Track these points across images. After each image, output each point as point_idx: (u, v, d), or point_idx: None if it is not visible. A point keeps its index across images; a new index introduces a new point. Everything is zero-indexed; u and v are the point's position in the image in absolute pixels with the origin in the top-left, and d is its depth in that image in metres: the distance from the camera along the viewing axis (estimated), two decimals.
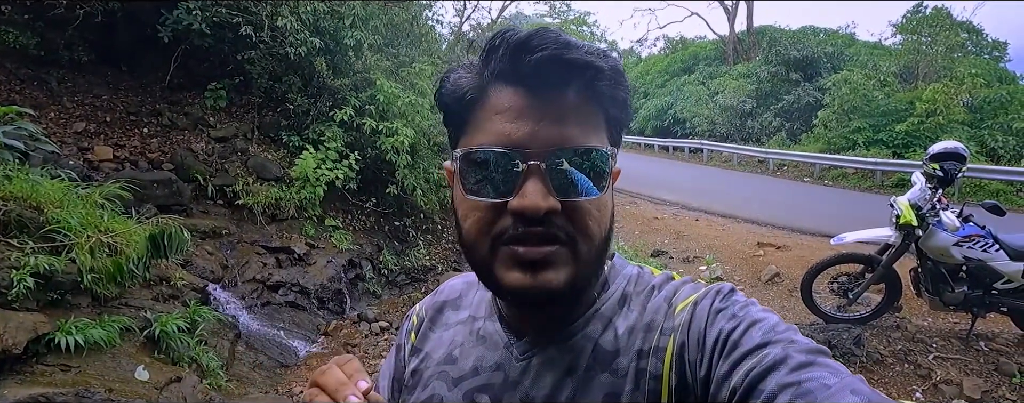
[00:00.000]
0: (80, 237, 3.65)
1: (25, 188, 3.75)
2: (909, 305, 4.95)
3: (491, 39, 0.59)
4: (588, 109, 0.59)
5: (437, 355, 0.75)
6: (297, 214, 6.84)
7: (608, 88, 0.59)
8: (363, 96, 7.41)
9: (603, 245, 0.61)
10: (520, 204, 0.55)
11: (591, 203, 0.58)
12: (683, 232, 8.68)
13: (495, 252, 0.58)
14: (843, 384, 0.47)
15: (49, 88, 6.79)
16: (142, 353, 3.58)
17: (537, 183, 0.55)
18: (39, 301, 3.36)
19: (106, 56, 7.47)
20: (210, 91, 7.41)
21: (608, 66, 0.58)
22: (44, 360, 3.05)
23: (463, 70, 0.62)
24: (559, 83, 0.57)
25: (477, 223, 0.59)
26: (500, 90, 0.58)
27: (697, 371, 0.57)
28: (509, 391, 0.66)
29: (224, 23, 6.65)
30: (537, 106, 0.57)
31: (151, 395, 3.14)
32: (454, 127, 0.64)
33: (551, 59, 0.55)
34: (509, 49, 0.57)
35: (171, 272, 4.61)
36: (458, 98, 0.61)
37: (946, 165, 4.02)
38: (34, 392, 2.75)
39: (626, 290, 0.68)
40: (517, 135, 0.56)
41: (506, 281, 0.58)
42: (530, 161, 0.56)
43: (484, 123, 0.59)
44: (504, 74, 0.58)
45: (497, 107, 0.58)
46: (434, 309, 0.81)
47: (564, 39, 0.56)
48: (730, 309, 0.60)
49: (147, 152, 6.64)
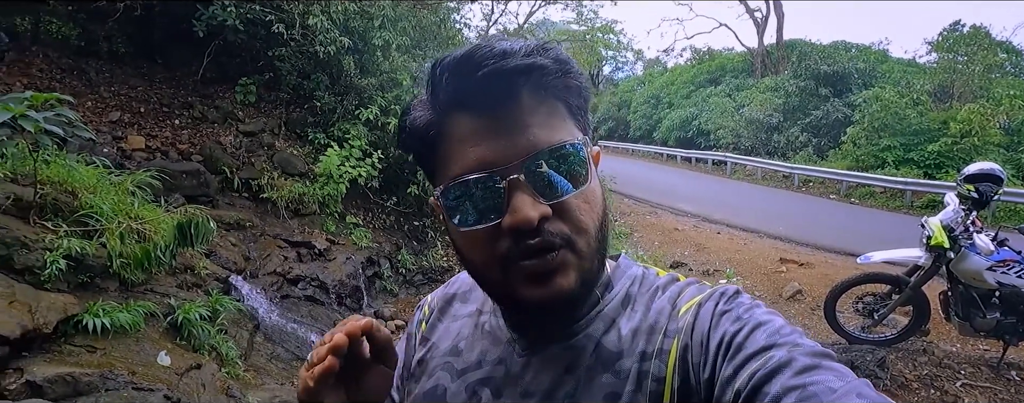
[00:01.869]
0: (111, 223, 3.74)
1: (62, 173, 3.87)
2: (937, 329, 4.81)
3: (431, 70, 0.59)
4: (546, 107, 0.59)
5: (443, 346, 0.76)
6: (319, 210, 6.93)
7: (559, 80, 0.59)
8: (389, 96, 7.49)
9: (600, 234, 0.62)
10: (512, 221, 0.55)
11: (579, 197, 0.59)
12: (704, 244, 8.57)
13: (507, 273, 0.59)
14: (849, 388, 0.47)
15: (88, 78, 7.00)
16: (165, 339, 3.65)
17: (522, 195, 0.56)
18: (70, 283, 3.45)
19: (143, 49, 7.69)
20: (240, 86, 7.56)
21: (551, 60, 0.57)
22: (72, 340, 3.13)
23: (417, 108, 0.63)
24: (510, 93, 0.57)
25: (482, 252, 0.60)
26: (457, 118, 0.59)
27: (701, 373, 0.57)
28: (510, 386, 0.67)
29: (257, 20, 6.78)
30: (496, 122, 0.57)
31: (171, 380, 3.19)
32: (426, 166, 0.65)
33: (494, 74, 0.55)
34: (450, 75, 0.57)
35: (195, 261, 4.69)
36: (420, 137, 0.62)
37: (982, 187, 3.90)
38: (61, 371, 2.81)
39: (630, 290, 0.69)
40: (488, 156, 0.57)
41: (524, 296, 0.59)
42: (509, 176, 0.56)
43: (453, 154, 0.59)
44: (454, 101, 0.58)
45: (459, 135, 0.58)
46: (444, 301, 0.84)
47: (500, 49, 0.56)
48: (734, 311, 0.59)
49: (177, 143, 6.80)
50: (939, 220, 3.98)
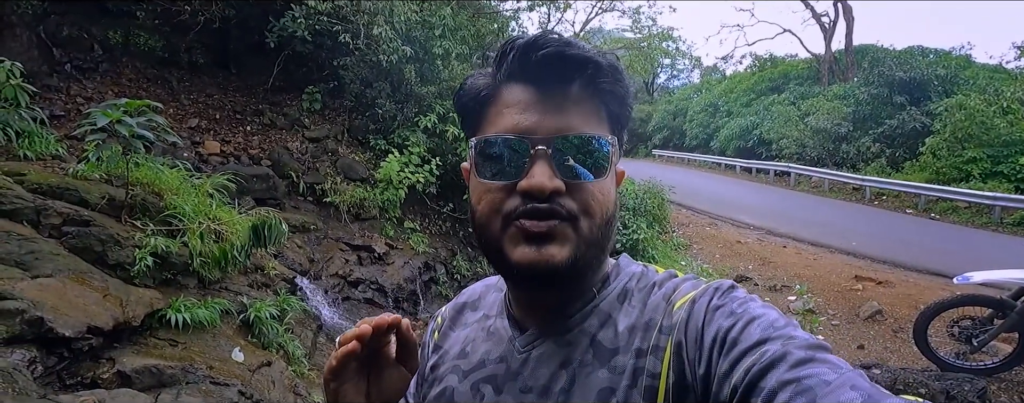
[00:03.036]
0: (192, 223, 3.93)
1: (150, 175, 4.11)
2: None
3: (502, 46, 0.66)
4: (590, 103, 0.65)
5: (454, 351, 0.80)
6: (379, 215, 7.08)
7: (608, 84, 0.64)
8: (448, 104, 7.59)
9: (604, 227, 0.65)
10: (528, 184, 0.60)
11: (593, 185, 0.63)
12: (769, 259, 8.17)
13: (505, 230, 0.63)
14: (843, 380, 0.47)
15: (170, 86, 7.46)
16: (238, 335, 3.79)
17: (544, 166, 0.61)
18: (155, 279, 3.65)
19: (219, 59, 8.15)
20: (307, 94, 7.86)
21: (606, 63, 0.64)
22: (156, 334, 3.29)
23: (478, 75, 0.70)
24: (563, 78, 0.63)
25: (490, 204, 0.64)
26: (511, 88, 0.65)
27: (696, 369, 0.57)
28: (510, 382, 0.69)
29: (324, 31, 7.04)
30: (543, 99, 0.63)
31: (244, 376, 3.30)
32: (470, 126, 0.70)
33: (555, 55, 0.62)
34: (518, 50, 0.63)
35: (265, 262, 4.87)
36: (474, 96, 0.68)
37: None
38: (148, 363, 2.96)
39: (627, 286, 0.70)
40: (525, 124, 0.63)
41: (514, 256, 0.62)
42: (537, 146, 0.61)
43: (496, 117, 0.65)
44: (514, 73, 0.64)
45: (508, 102, 0.65)
46: (455, 310, 0.88)
47: (566, 39, 0.63)
48: (728, 306, 0.59)
49: (249, 148, 7.12)
50: None
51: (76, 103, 6.30)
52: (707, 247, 9.04)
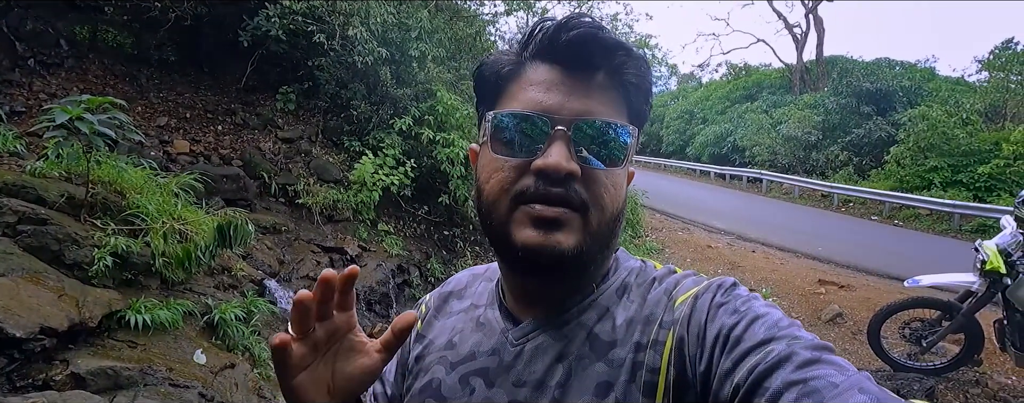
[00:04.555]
0: (155, 223, 3.87)
1: (112, 173, 4.03)
2: (990, 359, 4.54)
3: (533, 25, 0.65)
4: (614, 92, 0.63)
5: (439, 342, 0.77)
6: (352, 217, 7.03)
7: (633, 76, 0.63)
8: (423, 106, 7.60)
9: (612, 222, 0.64)
10: (545, 163, 0.58)
11: (607, 176, 0.62)
12: (738, 263, 8.35)
13: (513, 211, 0.61)
14: (851, 382, 0.46)
15: (139, 84, 7.32)
16: (201, 337, 3.73)
17: (562, 147, 0.59)
18: (115, 279, 3.58)
19: (191, 57, 8.01)
20: (281, 94, 7.78)
21: (636, 54, 0.63)
22: (114, 335, 3.23)
23: (503, 52, 0.68)
24: (590, 61, 0.62)
25: (500, 182, 0.62)
26: (536, 66, 0.63)
27: (697, 366, 0.57)
28: (502, 374, 0.67)
29: (299, 31, 7.00)
30: (568, 81, 0.62)
31: (206, 379, 3.25)
32: (487, 101, 0.68)
33: (587, 36, 0.60)
34: (548, 30, 0.62)
35: (232, 263, 4.81)
36: (496, 71, 0.66)
37: None
38: (104, 365, 2.90)
39: (627, 281, 0.69)
40: (547, 103, 0.61)
41: (520, 238, 0.60)
42: (557, 127, 0.60)
43: (517, 93, 0.63)
44: (541, 52, 0.63)
45: (532, 80, 0.63)
46: (440, 299, 0.84)
47: (599, 23, 0.61)
48: (732, 303, 0.59)
49: (219, 148, 7.02)
50: (995, 244, 3.78)
51: (39, 99, 6.14)
52: (679, 251, 9.19)
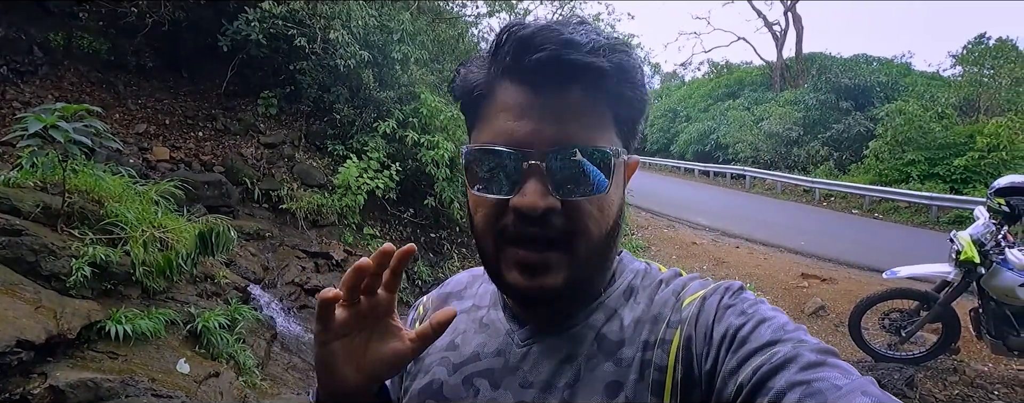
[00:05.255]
0: (135, 231, 3.82)
1: (89, 182, 3.97)
2: (968, 348, 4.65)
3: (499, 34, 0.60)
4: (592, 109, 0.59)
5: (440, 343, 0.74)
6: (337, 221, 6.99)
7: (614, 86, 0.58)
8: (407, 109, 7.58)
9: (604, 243, 0.62)
10: (519, 202, 0.57)
11: (591, 203, 0.59)
12: (723, 259, 8.44)
13: (500, 251, 0.61)
14: (854, 385, 0.47)
15: (116, 91, 7.21)
16: (184, 346, 3.69)
17: (536, 183, 0.56)
18: (94, 290, 3.52)
19: (170, 63, 7.90)
20: (263, 99, 7.71)
21: (611, 65, 0.57)
22: (94, 346, 3.18)
23: (474, 65, 0.64)
24: (561, 82, 0.57)
25: (484, 218, 0.61)
26: (506, 87, 0.59)
27: (703, 365, 0.57)
28: (508, 376, 0.66)
29: (280, 35, 6.93)
30: (540, 105, 0.57)
31: (190, 388, 3.22)
32: (468, 118, 0.66)
33: (551, 59, 0.55)
34: (513, 47, 0.57)
35: (216, 270, 4.75)
36: (467, 92, 0.63)
37: (1013, 200, 3.79)
38: (84, 376, 2.86)
39: (633, 283, 0.69)
40: (519, 134, 0.57)
41: (508, 280, 0.61)
42: (530, 161, 0.56)
43: (491, 119, 0.60)
44: (509, 71, 0.59)
45: (502, 104, 0.59)
46: (439, 300, 0.83)
47: (566, 38, 0.55)
48: (739, 305, 0.59)
49: (201, 154, 6.94)
50: (969, 234, 3.87)
51: (12, 108, 6.02)
52: (664, 249, 9.27)
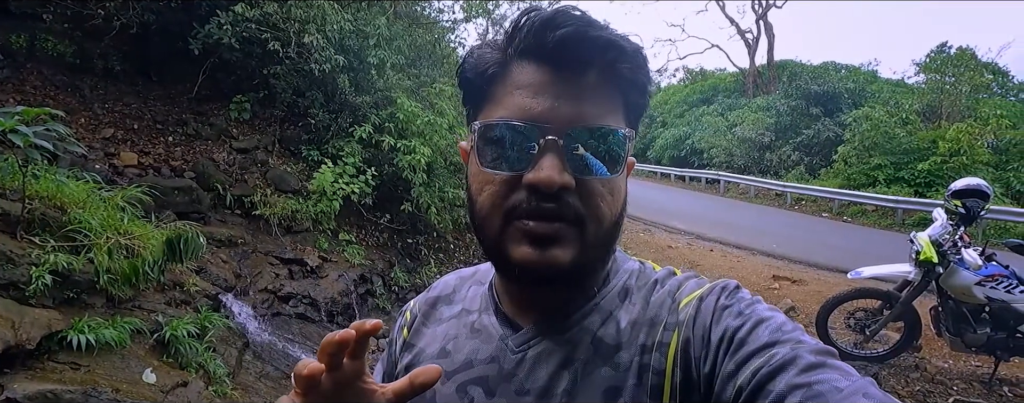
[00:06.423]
0: (99, 238, 3.72)
1: (51, 188, 3.86)
2: (929, 345, 4.80)
3: (517, 17, 0.59)
4: (608, 90, 0.59)
5: (430, 350, 0.73)
6: (312, 227, 6.90)
7: (629, 71, 0.59)
8: (383, 114, 7.54)
9: (612, 230, 0.61)
10: (536, 178, 0.55)
11: (604, 185, 0.59)
12: (697, 262, 8.57)
13: (507, 227, 0.59)
14: (855, 387, 0.46)
15: (82, 94, 7.02)
16: (151, 356, 3.60)
17: (553, 159, 0.55)
18: (55, 298, 3.42)
19: (138, 66, 7.72)
20: (235, 103, 7.59)
21: (630, 48, 0.58)
22: (55, 357, 3.09)
23: (487, 47, 0.63)
24: (581, 61, 0.57)
25: (491, 197, 0.59)
26: (523, 66, 0.59)
27: (701, 367, 0.56)
28: (503, 383, 0.64)
29: (253, 38, 6.84)
30: (558, 83, 0.57)
31: (157, 398, 3.14)
32: (473, 104, 0.64)
33: (575, 35, 0.55)
34: (534, 26, 0.57)
35: (185, 278, 4.65)
36: (480, 72, 0.61)
37: (969, 202, 3.95)
38: (43, 388, 2.77)
39: (627, 283, 0.68)
40: (536, 110, 0.57)
41: (515, 255, 0.58)
42: (548, 136, 0.56)
43: (504, 97, 0.59)
44: (528, 50, 0.58)
45: (518, 82, 0.58)
46: (428, 305, 0.80)
47: (588, 19, 0.57)
48: (736, 306, 0.59)
49: (170, 160, 6.79)
50: (928, 235, 4.01)
51: None
52: (640, 252, 9.37)
